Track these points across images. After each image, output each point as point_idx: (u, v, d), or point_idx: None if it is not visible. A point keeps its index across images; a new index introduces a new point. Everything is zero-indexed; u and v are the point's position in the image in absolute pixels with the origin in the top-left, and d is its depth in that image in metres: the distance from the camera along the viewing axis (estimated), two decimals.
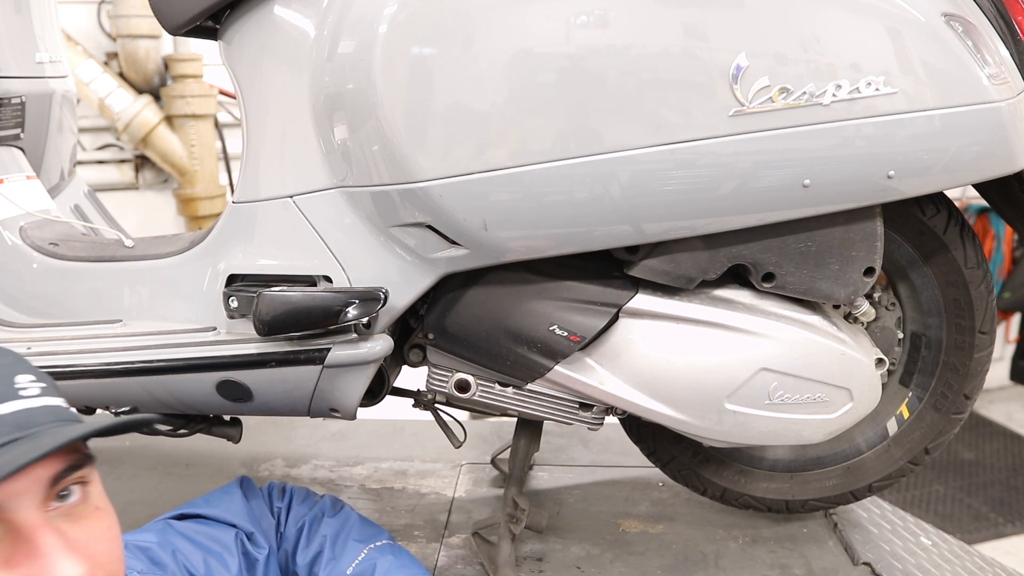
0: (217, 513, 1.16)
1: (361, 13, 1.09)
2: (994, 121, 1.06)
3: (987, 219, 4.71)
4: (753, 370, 1.21)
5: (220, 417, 1.47)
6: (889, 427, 1.45)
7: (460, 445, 1.49)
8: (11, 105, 1.55)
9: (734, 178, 1.08)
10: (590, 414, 1.34)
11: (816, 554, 1.49)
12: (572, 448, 1.98)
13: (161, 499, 1.16)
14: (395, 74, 1.07)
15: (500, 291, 1.24)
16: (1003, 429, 4.81)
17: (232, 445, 1.49)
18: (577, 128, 1.06)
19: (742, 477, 1.51)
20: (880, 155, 1.07)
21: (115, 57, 3.55)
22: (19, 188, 1.54)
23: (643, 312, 1.22)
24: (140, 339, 1.31)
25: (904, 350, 1.42)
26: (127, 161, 3.71)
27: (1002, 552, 3.57)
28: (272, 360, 1.25)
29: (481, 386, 1.34)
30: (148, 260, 1.36)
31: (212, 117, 3.65)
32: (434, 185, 1.10)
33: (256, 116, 1.24)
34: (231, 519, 1.16)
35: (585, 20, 1.04)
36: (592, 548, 1.51)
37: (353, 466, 1.91)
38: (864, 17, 1.05)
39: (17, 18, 1.58)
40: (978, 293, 1.32)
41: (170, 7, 1.21)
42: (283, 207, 1.23)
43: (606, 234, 1.13)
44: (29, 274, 1.40)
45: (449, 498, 1.74)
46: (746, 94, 1.04)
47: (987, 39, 1.09)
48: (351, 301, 1.18)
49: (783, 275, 1.20)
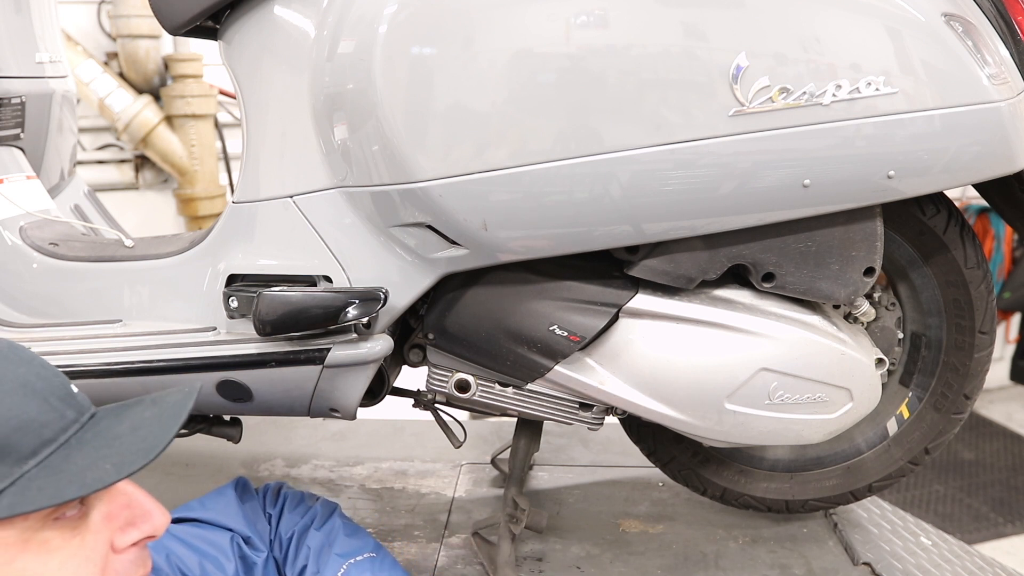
0: (212, 516, 1.16)
1: (361, 13, 1.09)
2: (994, 121, 1.06)
3: (987, 219, 4.71)
4: (753, 370, 1.21)
5: (220, 417, 1.47)
6: (889, 427, 1.45)
7: (460, 445, 1.49)
8: (11, 105, 1.55)
9: (734, 178, 1.08)
10: (590, 414, 1.34)
11: (816, 554, 1.50)
12: (572, 448, 1.98)
13: (161, 499, 1.15)
14: (395, 74, 1.07)
15: (500, 291, 1.24)
16: (1003, 429, 4.81)
17: (232, 445, 1.49)
18: (577, 128, 1.06)
19: (742, 477, 1.51)
20: (880, 155, 1.07)
21: (115, 57, 3.55)
22: (19, 188, 1.54)
23: (643, 312, 1.22)
24: (140, 339, 1.31)
25: (904, 350, 1.42)
26: (127, 161, 3.71)
27: (1002, 552, 3.57)
28: (272, 360, 1.25)
29: (481, 386, 1.34)
30: (148, 260, 1.36)
31: (212, 117, 3.65)
32: (434, 185, 1.10)
33: (256, 116, 1.24)
34: (226, 523, 1.16)
35: (585, 20, 1.04)
36: (592, 548, 1.51)
37: (353, 466, 1.91)
38: (864, 17, 1.05)
39: (17, 18, 1.58)
40: (978, 293, 1.32)
41: (170, 7, 1.21)
42: (283, 207, 1.23)
43: (606, 234, 1.13)
44: (29, 274, 1.40)
45: (449, 498, 1.74)
46: (746, 94, 1.04)
47: (987, 39, 1.09)
48: (351, 301, 1.18)
49: (783, 275, 1.20)
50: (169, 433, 0.72)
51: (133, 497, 0.75)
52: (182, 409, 0.74)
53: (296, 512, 1.24)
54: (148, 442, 0.71)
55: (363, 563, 1.15)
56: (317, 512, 1.24)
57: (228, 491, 1.22)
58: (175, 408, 0.75)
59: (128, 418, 0.74)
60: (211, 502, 1.19)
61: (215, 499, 1.20)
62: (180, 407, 0.75)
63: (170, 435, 0.71)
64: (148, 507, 0.76)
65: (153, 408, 0.76)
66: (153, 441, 0.71)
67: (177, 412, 0.74)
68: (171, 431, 0.72)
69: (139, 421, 0.73)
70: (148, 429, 0.72)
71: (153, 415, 0.74)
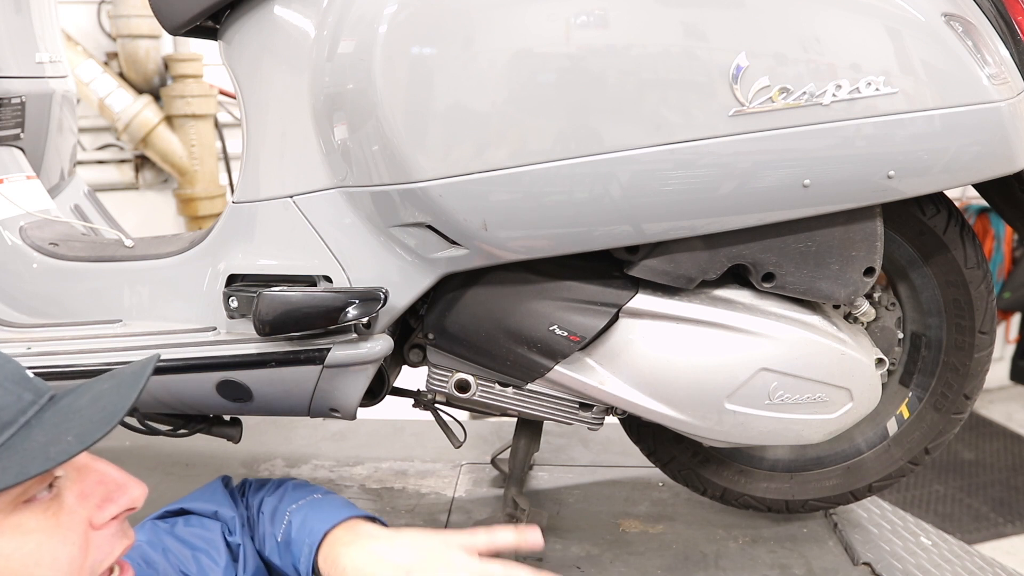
0: (199, 506, 1.16)
1: (361, 13, 1.09)
2: (994, 121, 1.06)
3: (987, 219, 4.71)
4: (753, 370, 1.21)
5: (220, 417, 1.47)
6: (889, 427, 1.45)
7: (460, 445, 1.49)
8: (11, 105, 1.55)
9: (734, 178, 1.08)
10: (590, 414, 1.34)
11: (816, 554, 1.49)
12: (572, 448, 1.98)
13: (161, 499, 1.15)
14: (395, 74, 1.07)
15: (500, 291, 1.24)
16: (1003, 429, 4.81)
17: (232, 445, 1.49)
18: (577, 128, 1.06)
19: (742, 477, 1.51)
20: (880, 155, 1.07)
21: (115, 57, 3.55)
22: (19, 188, 1.54)
23: (643, 312, 1.22)
24: (140, 339, 1.31)
25: (904, 350, 1.42)
26: (127, 161, 3.71)
27: (1002, 552, 3.58)
28: (272, 360, 1.25)
29: (481, 386, 1.34)
30: (148, 260, 1.36)
31: (212, 117, 3.65)
32: (434, 185, 1.10)
33: (256, 116, 1.24)
34: (213, 506, 1.16)
35: (585, 20, 1.04)
36: (592, 548, 1.51)
37: (353, 466, 1.91)
38: (864, 17, 1.05)
39: (17, 18, 1.58)
40: (978, 293, 1.32)
41: (170, 7, 1.21)
42: (283, 207, 1.23)
43: (606, 234, 1.13)
44: (29, 274, 1.40)
45: (449, 498, 1.74)
46: (746, 94, 1.04)
47: (987, 39, 1.09)
48: (351, 301, 1.18)
49: (783, 275, 1.20)
50: (128, 400, 0.71)
51: (105, 473, 0.75)
52: (140, 377, 0.74)
53: (259, 494, 1.24)
54: (108, 411, 0.71)
55: (304, 505, 1.14)
56: (274, 484, 1.24)
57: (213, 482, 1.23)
58: (133, 377, 0.74)
59: (86, 392, 0.74)
60: (197, 494, 1.20)
61: (200, 491, 1.21)
62: (138, 375, 0.74)
63: (129, 401, 0.71)
64: (121, 480, 0.76)
65: (112, 381, 0.75)
66: (112, 409, 0.71)
67: (135, 380, 0.74)
68: (130, 397, 0.71)
69: (98, 394, 0.73)
70: (107, 399, 0.72)
71: (111, 386, 0.74)
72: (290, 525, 1.11)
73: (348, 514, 1.10)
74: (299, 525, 1.10)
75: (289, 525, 1.11)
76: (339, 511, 1.11)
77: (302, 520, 1.11)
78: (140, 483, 0.77)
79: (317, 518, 1.10)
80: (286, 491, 1.20)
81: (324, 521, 1.09)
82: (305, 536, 1.08)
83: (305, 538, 1.08)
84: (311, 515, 1.11)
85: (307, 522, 1.10)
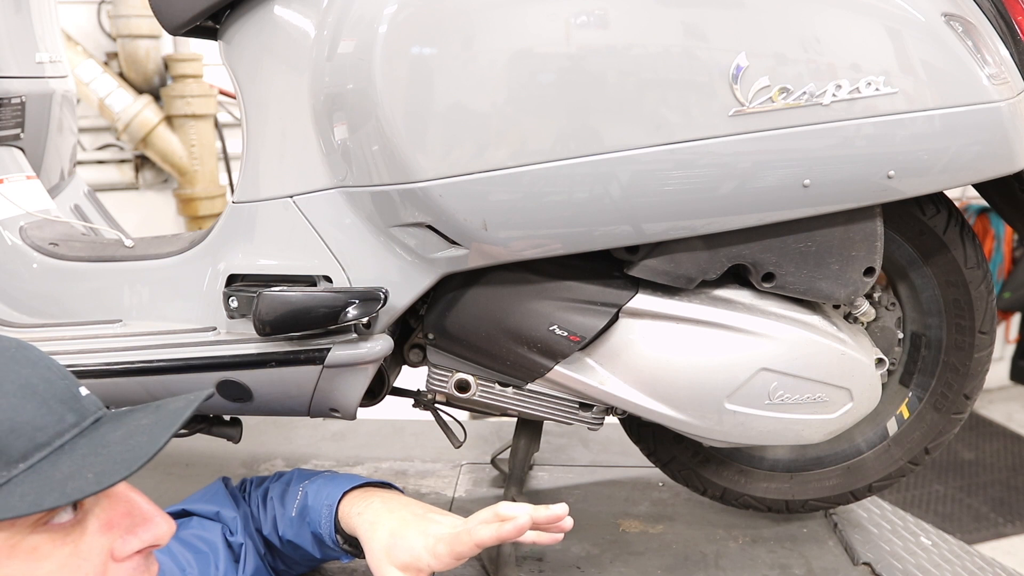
0: (200, 508, 1.18)
1: (361, 13, 1.09)
2: (994, 121, 1.06)
3: (987, 219, 4.71)
4: (753, 370, 1.21)
5: (220, 417, 1.47)
6: (889, 427, 1.45)
7: (460, 445, 1.49)
8: (11, 105, 1.55)
9: (734, 178, 1.08)
10: (590, 414, 1.34)
11: (816, 554, 1.49)
12: (572, 448, 1.98)
13: (161, 499, 1.15)
14: (395, 74, 1.07)
15: (500, 291, 1.24)
16: (1003, 429, 4.81)
17: (232, 445, 1.49)
18: (577, 128, 1.06)
19: (742, 477, 1.51)
20: (880, 155, 1.07)
21: (115, 57, 3.55)
22: (19, 188, 1.54)
23: (643, 312, 1.22)
24: (140, 339, 1.31)
25: (904, 350, 1.42)
26: (127, 161, 3.71)
27: (1002, 552, 3.58)
28: (272, 360, 1.25)
29: (481, 386, 1.34)
30: (148, 260, 1.36)
31: (212, 117, 3.65)
32: (434, 185, 1.10)
33: (256, 116, 1.24)
34: (214, 507, 1.18)
35: (585, 20, 1.04)
36: (592, 548, 1.51)
37: (353, 466, 1.91)
38: (864, 17, 1.05)
39: (17, 18, 1.58)
40: (978, 293, 1.32)
41: (170, 7, 1.21)
42: (283, 207, 1.23)
43: (606, 234, 1.13)
44: (29, 274, 1.40)
45: (449, 498, 1.74)
46: (746, 94, 1.04)
47: (987, 39, 1.09)
48: (351, 301, 1.18)
49: (783, 275, 1.20)
50: (156, 443, 0.70)
51: (135, 504, 0.74)
52: (178, 417, 0.73)
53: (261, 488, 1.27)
54: (134, 452, 0.69)
55: (316, 479, 1.19)
56: (277, 475, 1.28)
57: (215, 483, 1.26)
58: (171, 416, 0.73)
59: (126, 424, 0.73)
60: (198, 495, 1.22)
61: (201, 492, 1.23)
62: (177, 415, 0.73)
63: (157, 446, 0.70)
64: (150, 514, 0.74)
65: (154, 415, 0.74)
66: (139, 452, 0.69)
67: (172, 421, 0.73)
68: (159, 441, 0.70)
69: (134, 428, 0.72)
70: (139, 438, 0.71)
71: (150, 423, 0.73)
72: (306, 495, 1.16)
73: (363, 480, 1.17)
74: (315, 493, 1.15)
75: (305, 495, 1.16)
76: (354, 479, 1.17)
77: (317, 489, 1.16)
78: (169, 519, 0.75)
79: (333, 484, 1.16)
80: (293, 476, 1.24)
81: (340, 486, 1.15)
82: (323, 499, 1.14)
83: (324, 500, 1.14)
84: (325, 485, 1.17)
85: (323, 489, 1.16)
